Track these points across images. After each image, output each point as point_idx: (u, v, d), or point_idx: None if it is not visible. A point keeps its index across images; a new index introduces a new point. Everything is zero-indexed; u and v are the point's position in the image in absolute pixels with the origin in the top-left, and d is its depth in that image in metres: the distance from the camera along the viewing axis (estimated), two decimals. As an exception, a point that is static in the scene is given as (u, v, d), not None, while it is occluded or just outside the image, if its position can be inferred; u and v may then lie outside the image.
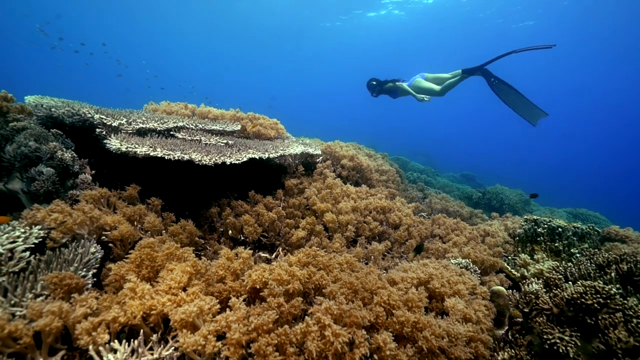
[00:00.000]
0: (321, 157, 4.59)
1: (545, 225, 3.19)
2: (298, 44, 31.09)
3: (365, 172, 4.65)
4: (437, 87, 5.59)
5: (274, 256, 2.75)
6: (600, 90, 40.37)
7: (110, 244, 2.04)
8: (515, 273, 2.67)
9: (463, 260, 2.38)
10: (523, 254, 2.80)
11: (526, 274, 2.52)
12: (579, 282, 1.67)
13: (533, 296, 1.79)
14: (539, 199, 10.77)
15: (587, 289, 1.62)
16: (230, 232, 2.70)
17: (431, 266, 1.88)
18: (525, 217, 3.72)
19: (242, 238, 2.70)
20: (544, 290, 1.83)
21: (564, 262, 2.83)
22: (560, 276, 1.86)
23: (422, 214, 4.29)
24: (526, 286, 1.92)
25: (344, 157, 4.61)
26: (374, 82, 6.19)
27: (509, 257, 3.13)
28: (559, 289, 1.77)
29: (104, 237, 2.03)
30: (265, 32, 29.96)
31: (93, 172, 2.60)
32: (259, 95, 60.20)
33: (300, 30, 28.32)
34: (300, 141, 4.73)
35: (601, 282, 1.77)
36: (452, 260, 2.42)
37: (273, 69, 42.64)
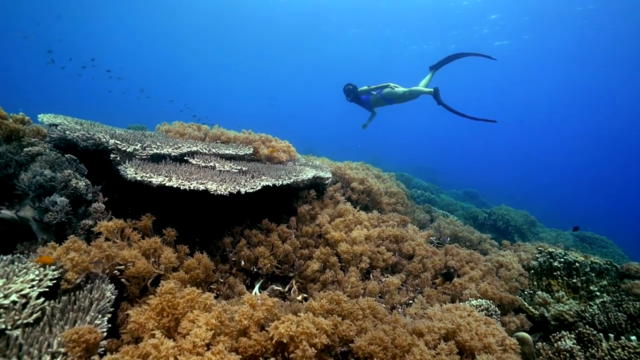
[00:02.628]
0: (330, 179, 4.55)
1: (562, 259, 3.13)
2: (300, 46, 31.15)
3: (375, 195, 4.60)
4: (404, 90, 5.77)
5: (287, 289, 2.67)
6: (606, 107, 40.71)
7: (124, 280, 1.98)
8: (535, 312, 2.60)
9: (484, 302, 2.32)
10: (541, 292, 2.73)
11: (546, 314, 2.45)
12: (619, 344, 1.61)
13: (568, 354, 1.72)
14: (544, 220, 10.73)
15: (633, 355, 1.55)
16: (243, 262, 2.64)
17: (457, 314, 1.82)
18: (539, 247, 3.67)
19: (255, 270, 2.64)
20: (578, 347, 1.76)
21: (583, 299, 2.76)
22: (595, 332, 1.79)
23: (431, 238, 4.23)
24: (559, 342, 1.85)
25: (354, 180, 4.58)
26: (350, 87, 6.16)
27: (525, 292, 3.06)
28: (595, 348, 1.71)
29: (116, 272, 1.96)
30: (265, 35, 30.05)
31: (106, 199, 2.55)
32: (258, 96, 60.14)
33: (302, 36, 28.42)
34: (310, 162, 4.70)
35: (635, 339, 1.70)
36: (472, 302, 2.35)
37: (273, 71, 42.63)
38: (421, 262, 3.15)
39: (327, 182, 4.41)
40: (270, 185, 2.94)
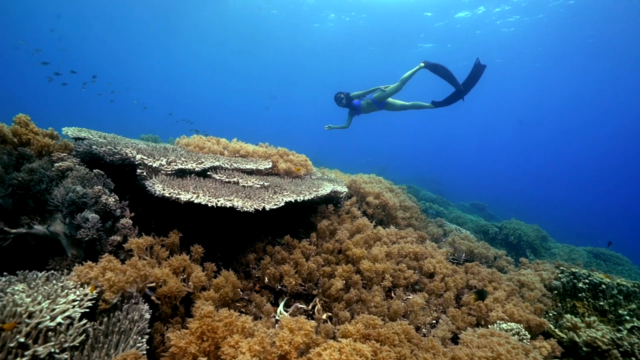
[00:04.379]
0: (345, 192, 4.55)
1: (587, 281, 3.08)
2: (295, 46, 31.26)
3: (391, 210, 4.59)
4: (393, 85, 5.83)
5: (310, 307, 2.65)
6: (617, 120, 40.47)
7: (154, 298, 1.97)
8: (563, 336, 2.55)
9: (514, 325, 2.28)
10: (569, 315, 2.68)
11: (577, 339, 2.41)
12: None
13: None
14: (555, 235, 10.61)
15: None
16: (267, 280, 2.62)
17: (494, 340, 1.79)
18: (561, 267, 3.62)
19: (279, 288, 2.62)
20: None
21: (612, 324, 2.71)
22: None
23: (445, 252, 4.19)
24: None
25: (369, 194, 4.57)
26: (341, 95, 6.24)
27: (550, 314, 3.01)
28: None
29: (146, 290, 1.96)
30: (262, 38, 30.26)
31: (132, 214, 2.56)
32: (256, 95, 60.60)
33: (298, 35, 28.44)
34: (325, 176, 4.71)
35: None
36: (502, 325, 2.31)
37: (270, 72, 42.84)
38: (443, 281, 3.11)
39: (341, 195, 4.41)
40: (293, 201, 2.95)
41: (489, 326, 2.42)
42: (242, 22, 26.72)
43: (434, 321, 2.82)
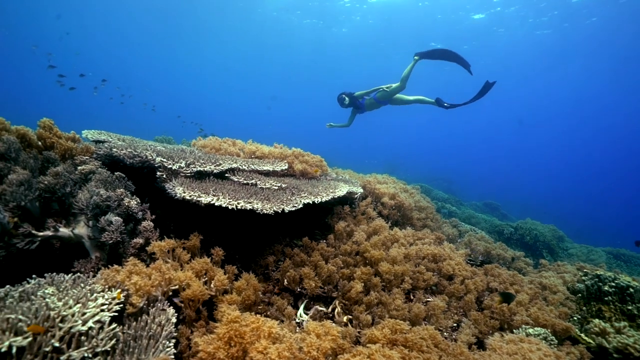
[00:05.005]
0: (359, 193, 4.52)
1: (613, 284, 2.99)
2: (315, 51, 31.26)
3: (406, 210, 4.54)
4: (396, 84, 5.84)
5: (330, 309, 2.63)
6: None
7: (177, 301, 1.98)
8: (591, 342, 2.48)
9: (541, 331, 2.22)
10: (597, 320, 2.60)
11: (607, 345, 2.33)
12: None
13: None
14: (573, 236, 10.38)
15: None
16: (286, 282, 2.61)
17: (525, 347, 1.74)
18: (584, 269, 3.53)
19: (298, 290, 2.61)
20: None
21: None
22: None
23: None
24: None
25: (384, 195, 4.53)
26: (344, 95, 6.27)
27: (574, 318, 2.93)
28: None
29: (170, 293, 1.97)
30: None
31: (153, 216, 2.58)
32: (255, 95, 60.68)
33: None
34: (340, 176, 4.69)
35: None
36: (529, 330, 2.26)
37: (272, 71, 42.87)
38: (463, 283, 3.06)
39: (356, 196, 4.38)
40: (310, 202, 2.93)
41: (514, 331, 2.37)
42: (245, 23, 26.84)
43: (454, 324, 2.77)
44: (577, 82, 29.44)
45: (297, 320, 2.40)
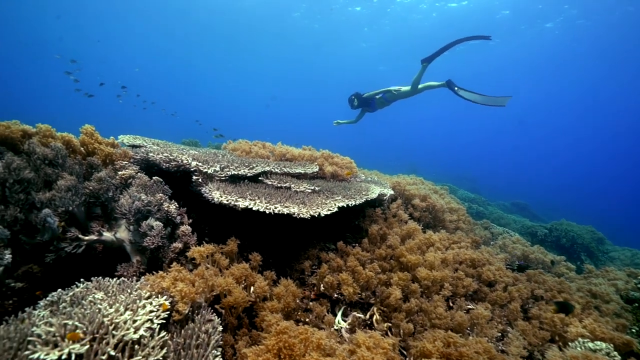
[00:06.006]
0: (388, 195, 4.41)
1: (675, 293, 2.75)
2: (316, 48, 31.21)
3: (438, 213, 4.39)
4: (406, 88, 5.81)
5: (367, 316, 2.56)
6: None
7: (218, 307, 1.97)
8: (656, 357, 2.27)
9: (603, 345, 2.05)
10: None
11: (675, 362, 2.13)
12: None
13: None
14: (613, 238, 9.79)
15: None
16: (323, 288, 2.56)
17: (591, 365, 1.61)
18: (639, 276, 3.28)
19: (335, 296, 2.55)
20: None
21: None
22: None
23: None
24: None
25: (414, 197, 4.40)
26: (354, 97, 6.32)
27: (632, 330, 2.72)
28: None
29: (212, 299, 1.96)
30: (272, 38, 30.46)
31: (190, 220, 2.59)
32: (255, 94, 60.87)
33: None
34: (369, 178, 4.60)
35: None
36: (588, 344, 2.10)
37: (274, 70, 43.08)
38: (506, 290, 2.90)
39: (385, 197, 4.28)
40: (345, 205, 2.87)
41: (570, 344, 2.21)
42: (253, 24, 27.01)
43: (498, 334, 2.63)
44: (607, 78, 27.92)
45: (336, 327, 2.34)
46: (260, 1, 23.51)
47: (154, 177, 2.65)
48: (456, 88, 5.50)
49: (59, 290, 1.76)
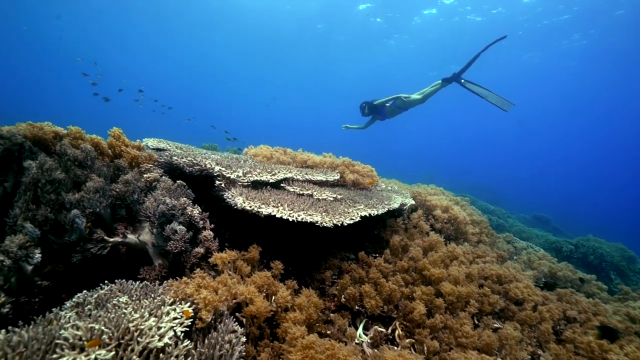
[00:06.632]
0: (408, 205, 4.31)
1: None
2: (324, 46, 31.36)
3: (460, 225, 4.25)
4: (415, 97, 5.84)
5: (389, 330, 2.46)
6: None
7: (239, 315, 1.93)
8: None
9: (649, 376, 1.90)
10: None
11: None
12: None
13: None
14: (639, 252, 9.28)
15: None
16: (343, 299, 2.49)
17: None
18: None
19: (357, 308, 2.47)
20: None
21: None
22: None
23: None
24: None
25: (436, 207, 4.28)
26: (365, 105, 6.33)
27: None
28: None
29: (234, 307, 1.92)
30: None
31: (212, 226, 2.58)
32: (255, 94, 61.24)
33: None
34: (390, 187, 4.51)
35: None
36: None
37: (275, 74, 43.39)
38: (536, 310, 2.75)
39: (405, 207, 4.18)
40: (367, 215, 2.81)
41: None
42: (245, 25, 27.21)
43: (529, 356, 2.48)
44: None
45: (357, 341, 2.26)
46: (285, 15, 23.92)
47: (177, 181, 2.67)
48: (463, 81, 5.66)
49: (84, 291, 1.76)
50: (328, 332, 2.18)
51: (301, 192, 2.83)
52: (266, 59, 35.61)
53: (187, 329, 1.51)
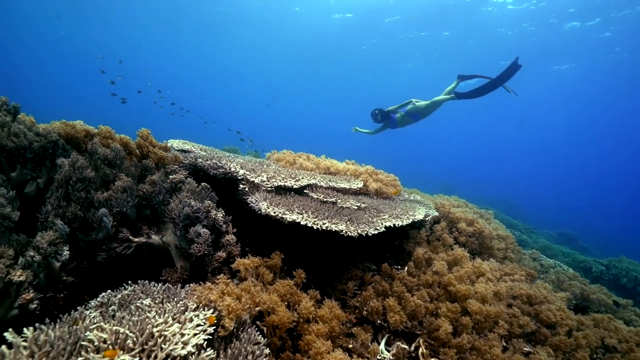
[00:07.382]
0: (431, 216, 4.17)
1: None
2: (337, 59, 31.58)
3: (486, 239, 4.08)
4: (424, 103, 5.91)
5: (412, 348, 2.35)
6: None
7: (260, 324, 1.87)
8: None
9: None
10: None
11: None
12: None
13: None
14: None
15: None
16: (365, 312, 2.40)
17: None
18: None
19: (379, 322, 2.38)
20: None
21: None
22: None
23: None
24: None
25: (460, 220, 4.13)
26: (377, 111, 6.33)
27: None
28: None
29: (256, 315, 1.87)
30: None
31: (234, 230, 2.56)
32: (255, 93, 61.25)
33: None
34: (412, 197, 4.40)
35: None
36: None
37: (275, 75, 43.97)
38: (571, 336, 2.58)
39: (427, 219, 4.05)
40: (392, 225, 2.72)
41: (660, 412, 1.87)
42: (244, 24, 27.57)
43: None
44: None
45: (379, 357, 2.16)
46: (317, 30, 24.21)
47: (202, 183, 2.66)
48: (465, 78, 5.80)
49: (108, 291, 1.76)
50: (350, 345, 2.09)
51: (325, 199, 2.77)
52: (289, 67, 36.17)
53: (210, 337, 1.47)
